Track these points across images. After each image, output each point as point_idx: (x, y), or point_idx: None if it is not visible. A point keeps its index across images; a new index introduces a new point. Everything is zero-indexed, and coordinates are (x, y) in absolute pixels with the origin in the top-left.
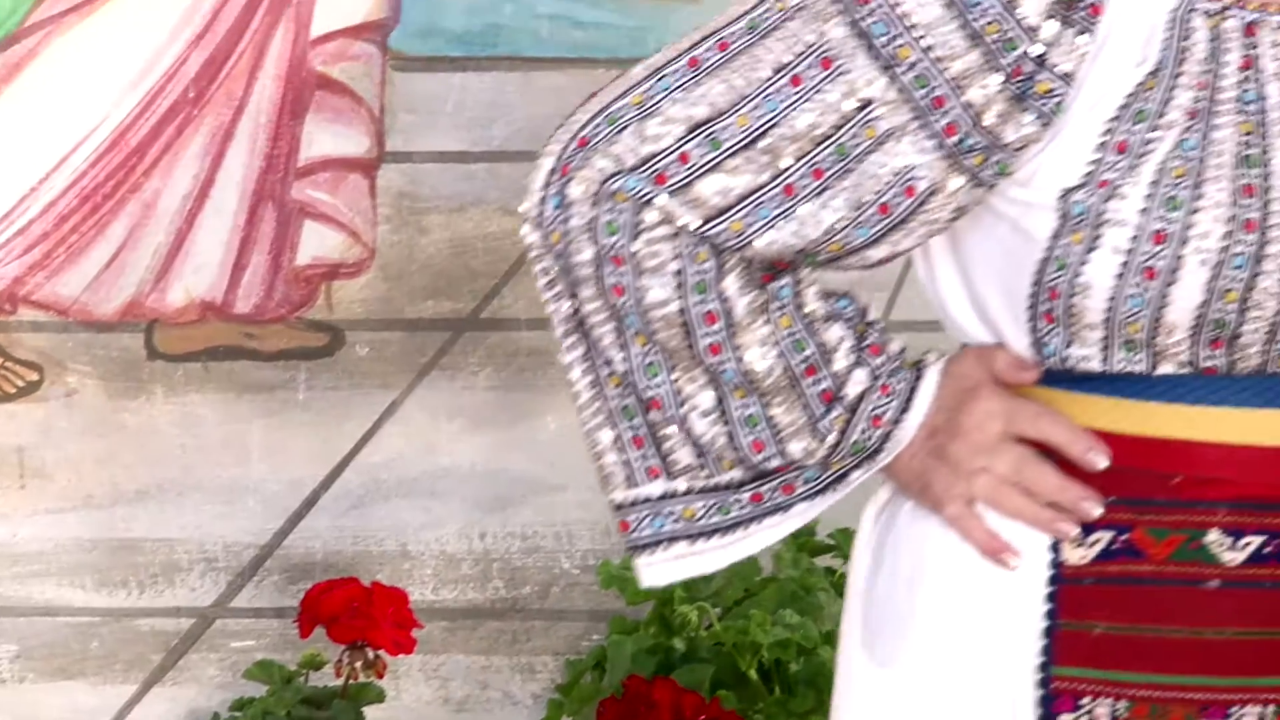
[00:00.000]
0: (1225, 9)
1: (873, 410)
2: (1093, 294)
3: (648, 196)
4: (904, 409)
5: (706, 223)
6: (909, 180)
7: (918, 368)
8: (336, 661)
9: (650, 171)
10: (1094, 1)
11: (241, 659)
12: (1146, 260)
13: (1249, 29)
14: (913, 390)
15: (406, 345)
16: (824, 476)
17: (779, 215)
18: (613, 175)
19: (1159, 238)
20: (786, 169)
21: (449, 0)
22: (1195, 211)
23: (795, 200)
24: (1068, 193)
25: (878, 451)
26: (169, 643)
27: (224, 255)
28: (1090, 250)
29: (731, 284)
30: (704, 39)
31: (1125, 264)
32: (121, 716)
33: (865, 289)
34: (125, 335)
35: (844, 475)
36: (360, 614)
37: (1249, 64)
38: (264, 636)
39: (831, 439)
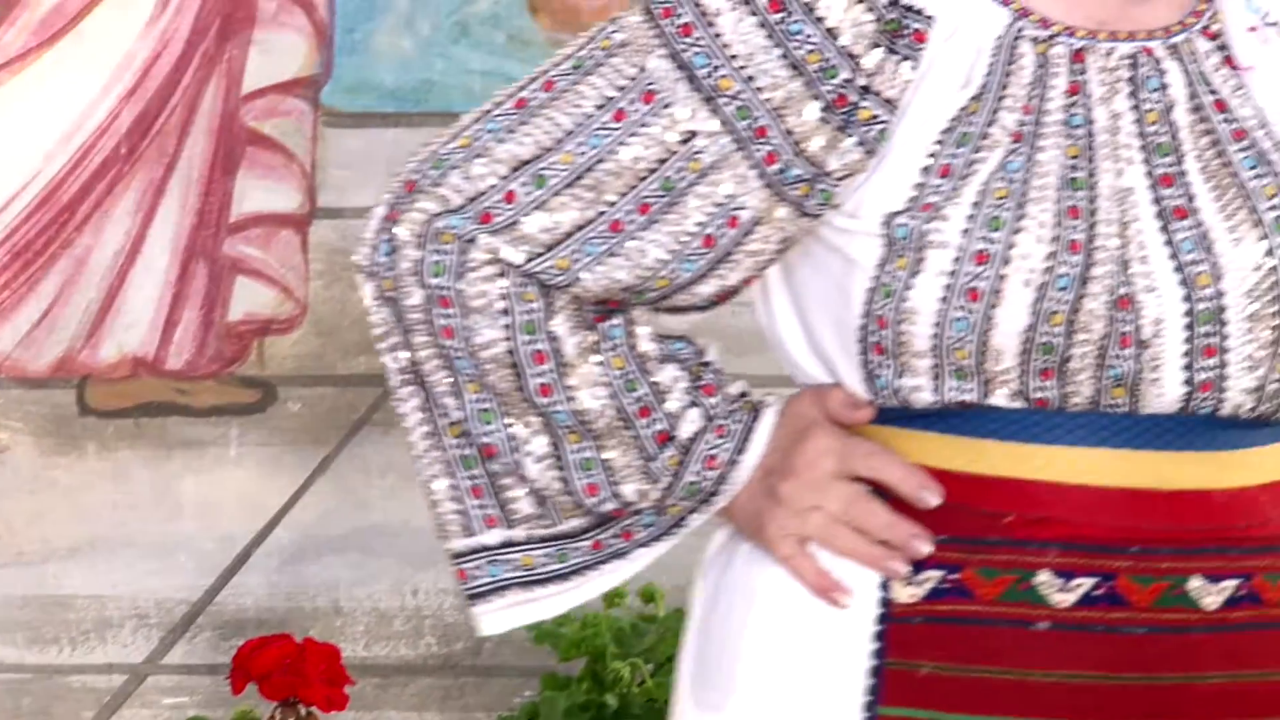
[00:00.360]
0: (1053, 35)
1: (707, 451)
2: (918, 319)
3: (472, 235)
4: (740, 450)
5: (533, 260)
6: (733, 211)
7: (755, 409)
8: (269, 718)
9: (475, 211)
10: (918, 28)
11: (174, 716)
12: (969, 282)
13: (1077, 55)
14: (749, 431)
15: (338, 401)
16: (662, 521)
17: (606, 251)
18: (438, 216)
19: (981, 258)
20: (612, 204)
21: (380, 57)
22: (1017, 232)
23: (622, 235)
24: (891, 217)
25: (714, 494)
26: (101, 699)
27: (156, 311)
28: (914, 274)
29: (561, 323)
30: (531, 80)
31: (949, 286)
32: None
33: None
34: (57, 391)
35: (682, 518)
36: (292, 670)
37: (1076, 89)
38: (196, 693)
39: (665, 481)
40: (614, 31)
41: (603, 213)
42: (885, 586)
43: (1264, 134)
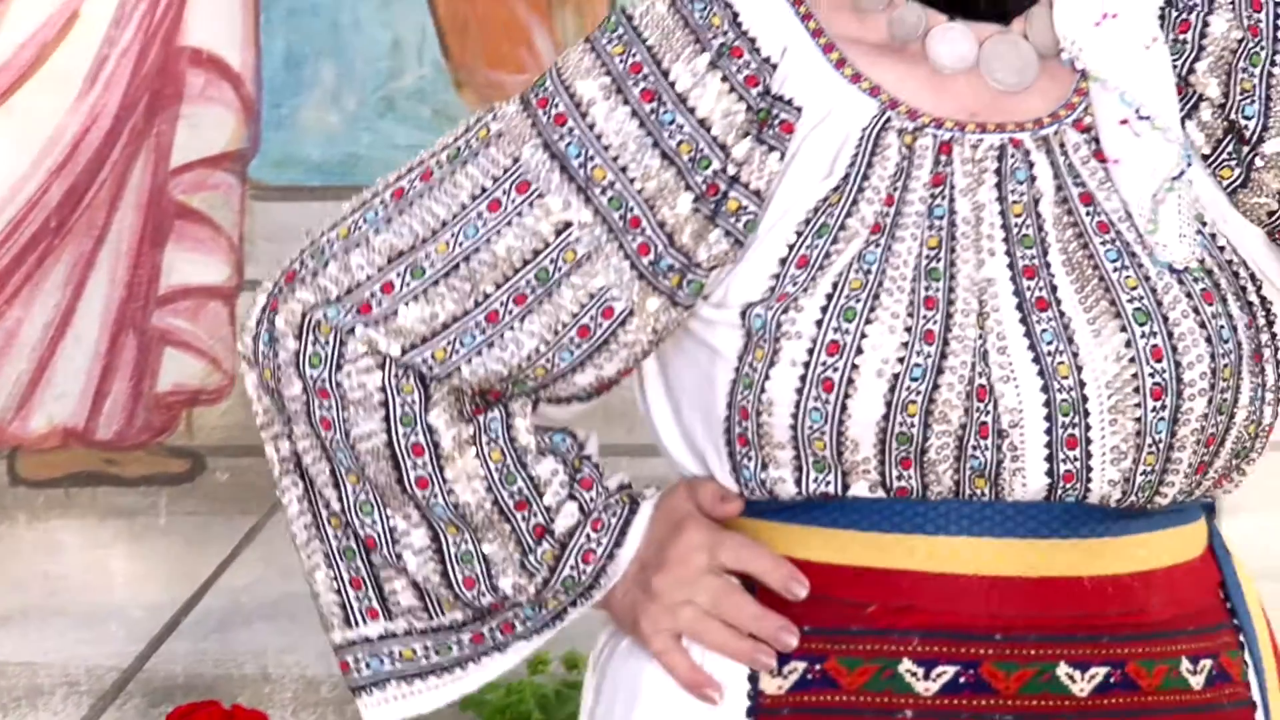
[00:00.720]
0: (920, 127)
1: (584, 546)
2: (776, 411)
3: (350, 327)
4: (616, 544)
5: (410, 352)
6: (607, 302)
7: (633, 502)
8: None
9: (353, 302)
10: (786, 119)
11: None
12: (823, 373)
13: (944, 146)
14: (625, 525)
15: (266, 471)
16: (541, 614)
17: (483, 342)
18: (315, 307)
19: (834, 349)
20: (489, 295)
21: (307, 131)
22: (870, 322)
23: (499, 326)
24: (749, 308)
25: (591, 587)
26: None
27: (85, 382)
28: (771, 365)
29: (439, 416)
30: (409, 170)
31: (804, 378)
32: None
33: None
34: None
35: (561, 611)
36: None
37: (940, 180)
38: None
39: (542, 575)
40: (491, 121)
41: (479, 303)
42: (754, 679)
43: (1128, 227)
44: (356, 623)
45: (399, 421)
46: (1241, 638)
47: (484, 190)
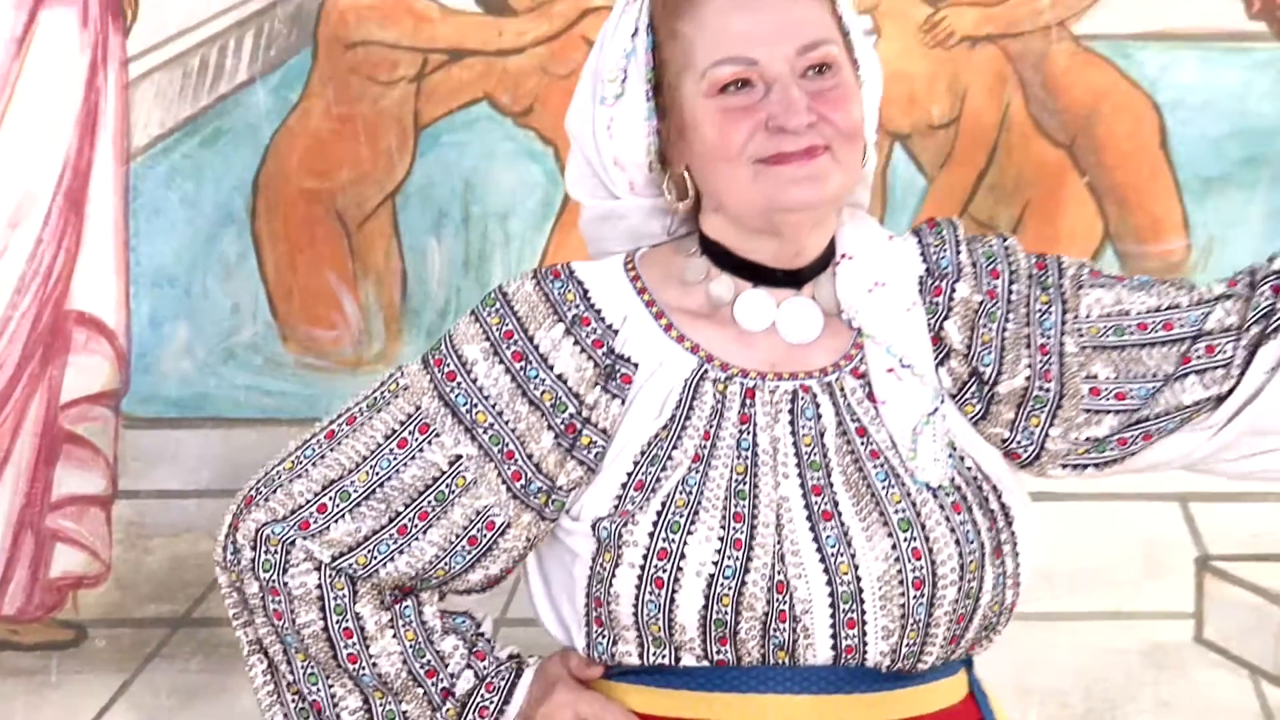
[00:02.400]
0: (730, 377)
1: (480, 704)
2: (621, 601)
3: (293, 539)
4: (505, 701)
5: (340, 558)
6: (489, 517)
7: (519, 668)
8: None
9: (296, 520)
10: (625, 372)
11: None
12: (655, 573)
13: (749, 393)
14: (511, 688)
15: (135, 639)
16: None
17: (395, 549)
18: (266, 525)
19: (663, 554)
20: (399, 513)
21: (167, 375)
22: (691, 534)
23: (407, 538)
24: (598, 521)
25: None
26: None
27: None
28: (616, 566)
29: (364, 606)
30: (339, 416)
31: (640, 577)
32: None
33: None
34: None
35: None
36: None
37: (746, 419)
38: None
39: None
40: (400, 378)
41: (392, 520)
42: None
43: (894, 454)
44: None
45: (333, 611)
46: None
47: (394, 432)
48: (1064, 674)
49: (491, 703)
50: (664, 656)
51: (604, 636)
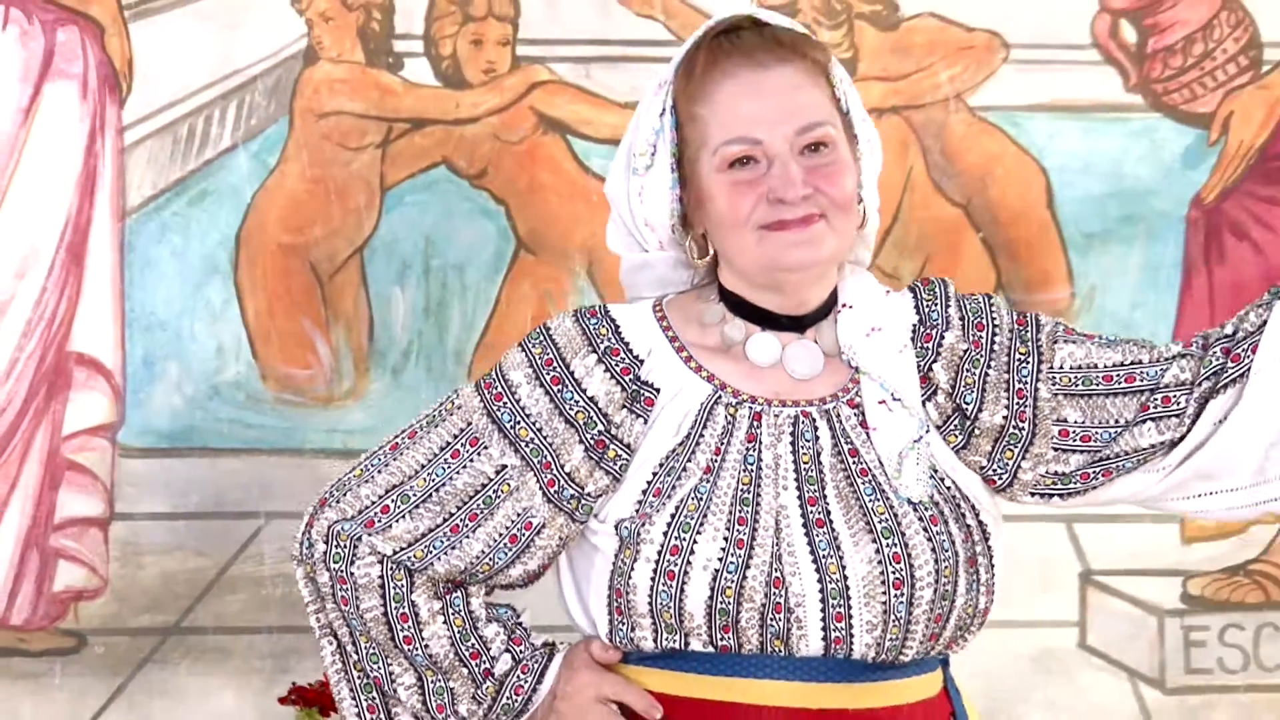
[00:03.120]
0: (740, 402)
1: (516, 683)
2: (639, 593)
3: (359, 535)
4: (538, 681)
5: (399, 553)
6: (528, 518)
7: (551, 653)
8: None
9: (362, 520)
10: (649, 396)
11: None
12: (668, 567)
13: (756, 416)
14: (544, 670)
15: (130, 646)
16: None
17: (448, 545)
18: (337, 523)
19: (675, 551)
20: (452, 514)
21: (158, 410)
22: (700, 534)
23: (458, 536)
24: (620, 522)
25: (521, 711)
26: None
27: (2, 586)
28: (634, 561)
29: (419, 595)
30: (402, 431)
31: (655, 569)
32: None
33: None
34: None
35: None
36: None
37: (753, 438)
38: None
39: (487, 703)
40: (455, 399)
41: (445, 520)
42: None
43: (880, 472)
44: None
45: (392, 599)
46: None
47: (448, 444)
48: (966, 676)
49: (526, 683)
50: (675, 642)
51: (624, 624)
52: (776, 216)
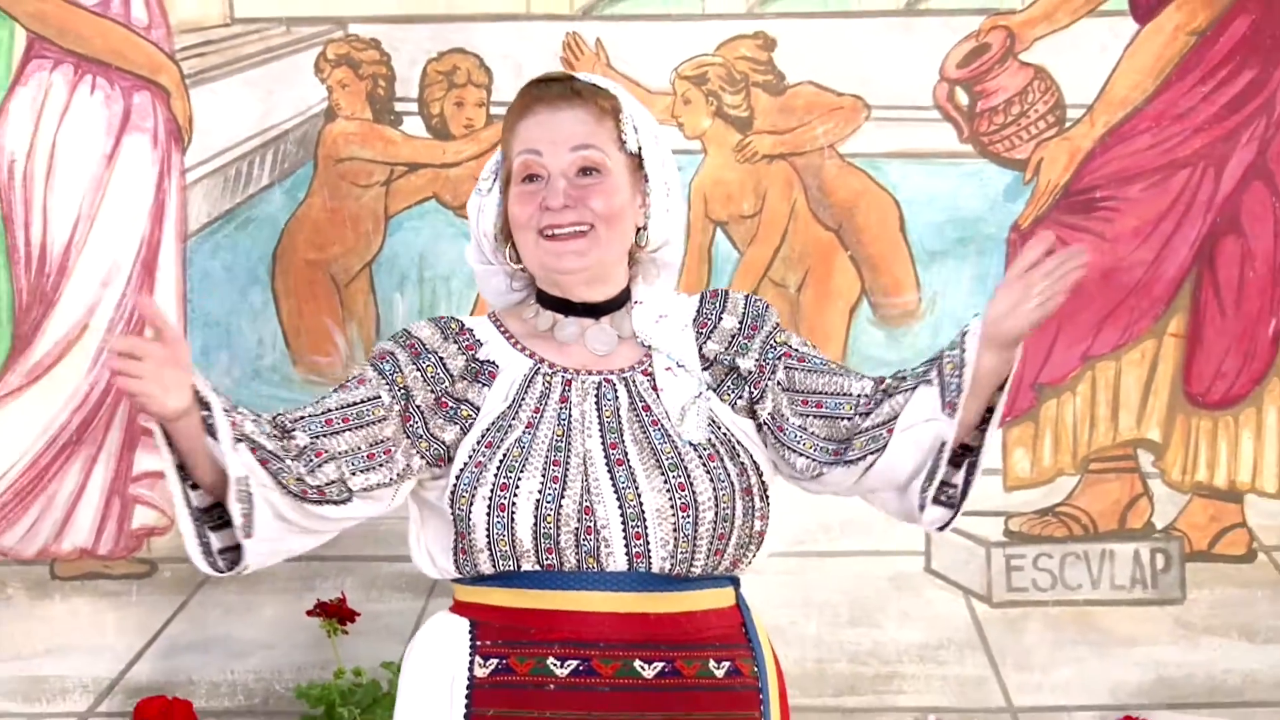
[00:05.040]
0: (554, 372)
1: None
2: (478, 527)
3: (275, 416)
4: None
5: (280, 417)
6: (387, 446)
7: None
8: None
9: (287, 415)
10: (490, 370)
11: None
12: (499, 500)
13: (567, 382)
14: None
15: (191, 571)
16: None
17: (319, 432)
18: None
19: (503, 488)
20: (329, 410)
21: (214, 388)
22: (523, 474)
23: (331, 428)
24: (461, 469)
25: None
26: None
27: (93, 522)
28: (471, 501)
29: (269, 425)
30: (332, 390)
31: (489, 505)
32: None
33: None
34: (38, 567)
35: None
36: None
37: (565, 400)
38: None
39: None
40: (359, 369)
41: (324, 413)
42: (470, 668)
43: (667, 421)
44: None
45: (265, 423)
46: (752, 654)
47: (345, 385)
48: (835, 593)
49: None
50: (509, 564)
51: (466, 553)
52: (548, 222)
